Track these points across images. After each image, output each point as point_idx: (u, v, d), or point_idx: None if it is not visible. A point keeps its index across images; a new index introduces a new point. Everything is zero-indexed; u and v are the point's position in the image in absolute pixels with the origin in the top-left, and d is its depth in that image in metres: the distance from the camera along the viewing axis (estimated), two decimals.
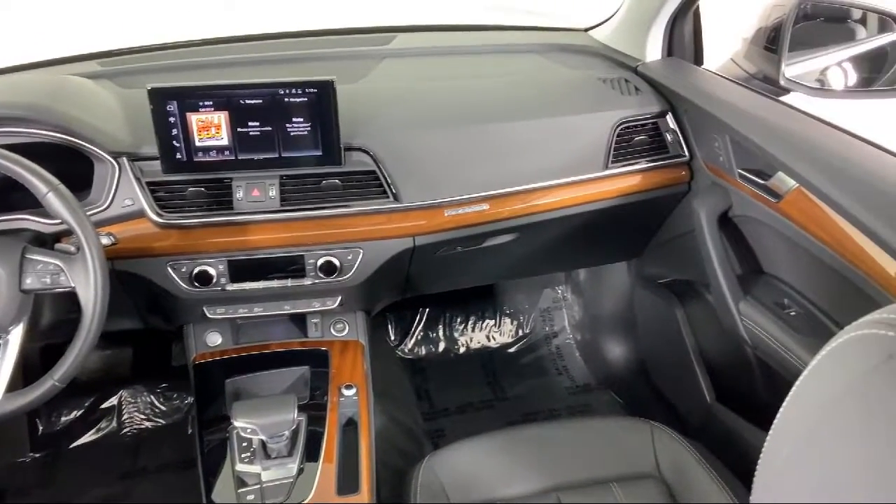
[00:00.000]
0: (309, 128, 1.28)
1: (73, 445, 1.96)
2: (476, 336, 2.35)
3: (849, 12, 1.54)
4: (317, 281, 1.39)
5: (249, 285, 1.37)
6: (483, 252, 1.58)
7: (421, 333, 2.32)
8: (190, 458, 1.37)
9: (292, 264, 1.37)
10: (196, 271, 1.33)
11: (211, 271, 1.34)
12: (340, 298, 1.47)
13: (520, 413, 2.12)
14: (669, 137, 1.56)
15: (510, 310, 2.39)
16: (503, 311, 2.38)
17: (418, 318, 2.32)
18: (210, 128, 1.26)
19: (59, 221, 1.08)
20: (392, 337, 2.31)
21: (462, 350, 2.33)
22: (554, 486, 1.25)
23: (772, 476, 0.56)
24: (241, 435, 1.21)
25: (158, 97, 1.22)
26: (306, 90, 1.25)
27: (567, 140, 1.48)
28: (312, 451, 1.26)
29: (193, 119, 1.24)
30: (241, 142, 1.28)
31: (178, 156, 1.26)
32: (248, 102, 1.25)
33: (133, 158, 1.27)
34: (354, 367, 1.45)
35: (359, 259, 1.39)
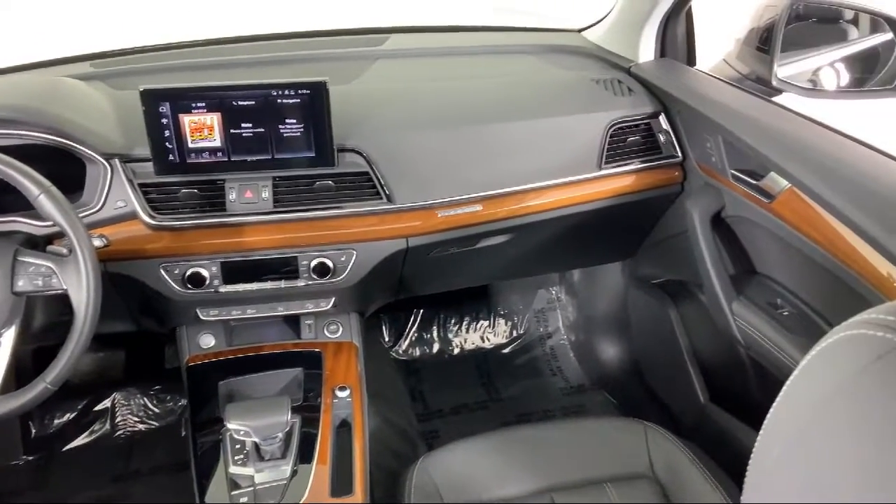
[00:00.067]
0: (302, 129, 1.28)
1: (67, 448, 1.95)
2: (470, 337, 2.35)
3: (840, 13, 1.54)
4: (310, 282, 1.39)
5: (242, 287, 1.37)
6: (477, 253, 1.58)
7: (415, 335, 2.31)
8: (183, 461, 1.37)
9: (285, 266, 1.37)
10: (189, 273, 1.33)
11: (204, 273, 1.34)
12: (334, 300, 1.47)
13: (514, 414, 2.12)
14: (662, 138, 1.56)
15: (504, 311, 2.38)
16: (497, 312, 2.38)
17: (412, 320, 2.31)
18: (203, 129, 1.25)
19: (51, 223, 1.07)
20: (386, 338, 2.30)
21: (456, 351, 2.33)
22: (548, 487, 1.25)
23: (762, 476, 0.56)
24: (235, 437, 1.21)
25: (151, 98, 1.22)
26: (299, 91, 1.25)
27: (560, 141, 1.48)
28: (306, 453, 1.25)
29: (186, 120, 1.24)
30: (234, 143, 1.27)
31: (171, 157, 1.26)
32: (241, 104, 1.25)
33: (125, 160, 1.27)
34: (348, 369, 1.45)
35: (352, 260, 1.39)
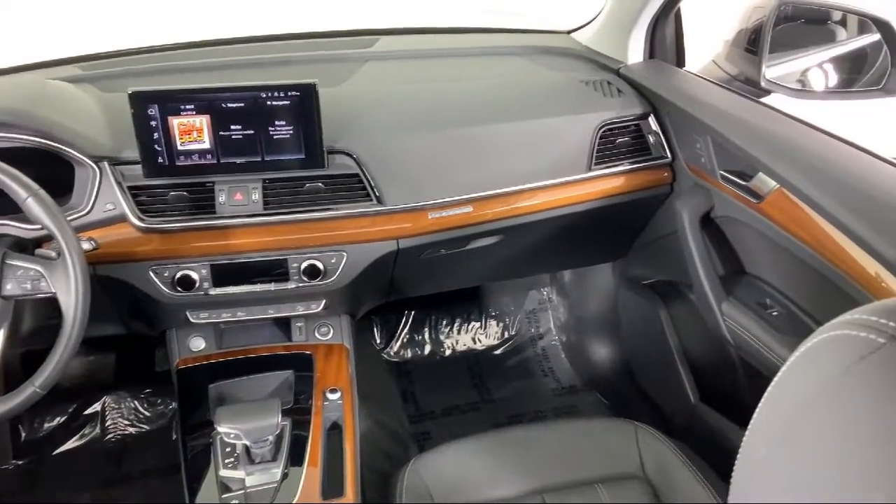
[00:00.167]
0: (291, 131, 1.28)
1: (57, 452, 1.94)
2: (462, 338, 2.35)
3: (829, 14, 1.55)
4: (300, 284, 1.39)
5: (232, 289, 1.37)
6: (467, 254, 1.58)
7: (406, 336, 2.31)
8: (174, 464, 1.36)
9: (276, 268, 1.37)
10: (178, 276, 1.33)
11: (194, 275, 1.33)
12: (325, 302, 1.47)
13: (506, 415, 2.12)
14: (652, 139, 1.56)
15: (495, 312, 2.39)
16: (489, 314, 2.38)
17: (404, 321, 2.31)
18: (192, 131, 1.25)
19: (40, 227, 1.07)
20: (377, 340, 2.30)
21: (448, 352, 2.33)
22: (539, 488, 1.25)
23: (749, 476, 0.56)
24: (225, 440, 1.20)
25: (139, 101, 1.22)
26: (289, 93, 1.25)
27: (550, 142, 1.49)
28: (297, 456, 1.25)
29: (175, 123, 1.24)
30: (224, 145, 1.27)
31: (160, 160, 1.26)
32: (230, 106, 1.25)
33: (114, 163, 1.27)
34: (339, 371, 1.45)
35: (343, 262, 1.39)
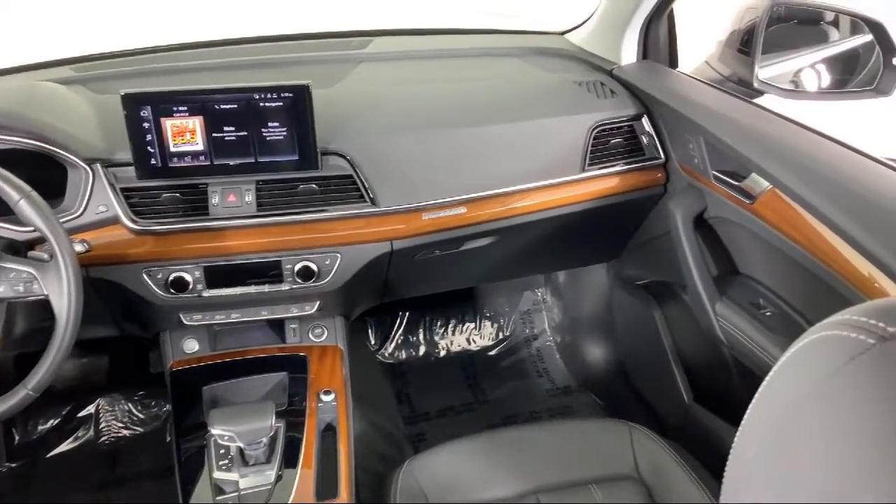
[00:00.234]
0: (285, 132, 1.28)
1: (50, 455, 1.94)
2: (456, 339, 2.35)
3: (821, 15, 1.56)
4: (294, 286, 1.39)
5: (226, 291, 1.36)
6: (462, 255, 1.58)
7: (401, 337, 2.31)
8: (168, 466, 1.36)
9: (269, 269, 1.36)
10: (172, 278, 1.32)
11: (187, 277, 1.33)
12: (319, 303, 1.47)
13: (500, 416, 2.12)
14: (645, 140, 1.57)
15: (490, 313, 2.39)
16: (483, 315, 2.38)
17: (398, 323, 2.31)
18: (185, 133, 1.25)
19: (32, 229, 1.07)
20: (372, 341, 2.30)
21: (442, 353, 2.33)
22: (534, 489, 1.25)
23: (740, 476, 0.56)
24: (219, 442, 1.20)
25: (132, 102, 1.21)
26: (282, 95, 1.25)
27: (544, 143, 1.49)
28: (291, 458, 1.25)
29: (168, 124, 1.23)
30: (217, 147, 1.27)
31: (153, 161, 1.25)
32: (224, 107, 1.25)
33: (107, 164, 1.26)
34: (333, 373, 1.45)
35: (336, 264, 1.39)
